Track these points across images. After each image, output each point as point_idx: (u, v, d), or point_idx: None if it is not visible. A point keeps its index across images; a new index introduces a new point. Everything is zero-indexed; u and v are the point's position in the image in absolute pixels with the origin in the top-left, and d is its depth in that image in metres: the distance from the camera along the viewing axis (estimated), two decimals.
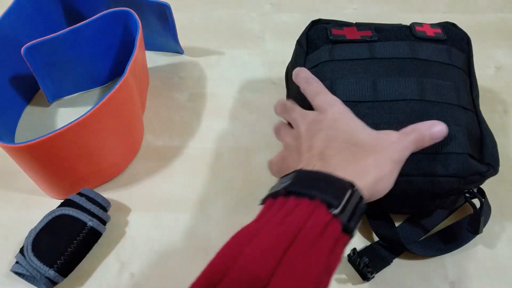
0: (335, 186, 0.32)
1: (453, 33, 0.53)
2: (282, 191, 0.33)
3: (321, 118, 0.40)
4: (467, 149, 0.43)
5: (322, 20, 0.55)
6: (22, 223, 0.52)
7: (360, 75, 0.47)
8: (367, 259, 0.46)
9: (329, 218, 0.30)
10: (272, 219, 0.31)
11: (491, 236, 0.50)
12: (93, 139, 0.50)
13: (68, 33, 0.55)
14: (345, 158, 0.36)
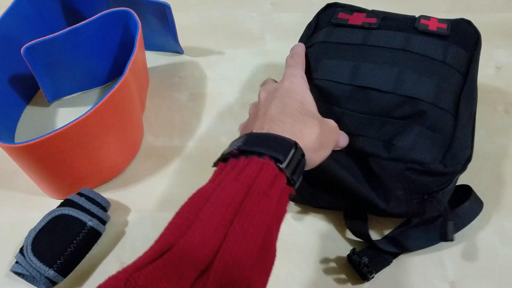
0: (281, 144, 0.36)
1: (461, 30, 0.51)
2: (234, 151, 0.36)
3: (278, 87, 0.44)
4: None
5: (337, 4, 0.56)
6: (22, 223, 0.52)
7: (344, 58, 0.49)
8: (366, 259, 0.46)
9: (276, 172, 0.34)
10: (226, 177, 0.34)
11: (491, 236, 0.50)
12: (93, 139, 0.50)
13: (68, 33, 0.55)
14: (294, 124, 0.39)
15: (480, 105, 0.61)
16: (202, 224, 0.31)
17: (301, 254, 0.50)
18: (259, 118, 0.41)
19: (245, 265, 0.30)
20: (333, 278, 0.48)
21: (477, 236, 0.50)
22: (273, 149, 0.35)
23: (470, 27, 0.52)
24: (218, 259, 0.29)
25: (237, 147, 0.36)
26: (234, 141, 0.38)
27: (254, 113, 0.44)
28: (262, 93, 0.45)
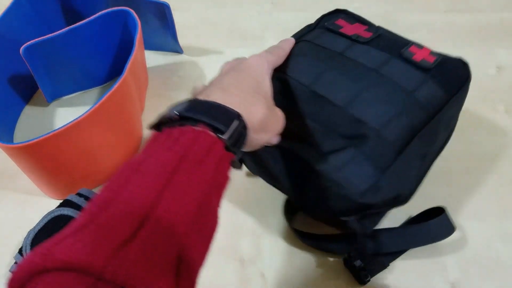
0: (224, 114, 0.35)
1: (449, 69, 0.47)
2: (174, 115, 0.35)
3: (241, 61, 0.43)
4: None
5: (345, 11, 0.56)
6: (21, 223, 0.52)
7: (316, 62, 0.48)
8: (362, 263, 0.46)
9: (214, 139, 0.33)
10: (159, 147, 0.33)
11: (491, 236, 0.50)
12: (92, 139, 0.50)
13: (67, 33, 0.55)
14: (244, 98, 0.38)
15: (480, 105, 0.61)
16: (130, 194, 0.29)
17: (297, 257, 0.50)
18: (210, 86, 0.40)
19: (178, 224, 0.29)
20: (330, 282, 0.48)
21: (478, 236, 0.50)
22: (214, 118, 0.34)
23: (462, 68, 0.49)
24: (147, 222, 0.28)
25: (178, 111, 0.34)
26: (176, 105, 0.36)
27: (210, 82, 0.42)
28: (225, 65, 0.44)
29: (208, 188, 0.32)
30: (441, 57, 0.48)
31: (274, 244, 0.51)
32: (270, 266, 0.49)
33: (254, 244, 0.51)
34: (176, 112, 0.35)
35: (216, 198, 0.33)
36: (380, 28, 0.52)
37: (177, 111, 0.35)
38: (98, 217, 0.29)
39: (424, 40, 0.69)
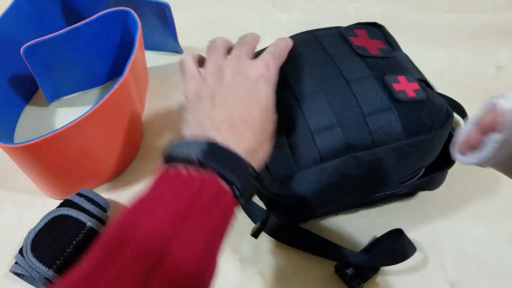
0: (239, 166, 0.35)
1: (420, 112, 0.44)
2: (194, 159, 0.34)
3: (245, 72, 0.40)
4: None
5: (377, 25, 0.53)
6: (21, 223, 0.52)
7: (304, 52, 0.48)
8: (353, 270, 0.46)
9: (222, 188, 0.33)
10: (170, 188, 0.33)
11: (491, 236, 0.50)
12: (92, 139, 0.50)
13: (67, 33, 0.55)
14: (254, 140, 0.38)
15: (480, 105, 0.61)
16: (139, 241, 0.30)
17: (297, 257, 0.50)
18: (215, 108, 0.38)
19: (189, 271, 0.29)
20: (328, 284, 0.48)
21: (478, 236, 0.50)
22: (228, 169, 0.34)
23: (439, 117, 0.44)
24: (159, 269, 0.28)
25: (198, 157, 0.34)
26: (191, 142, 0.36)
27: (208, 90, 0.40)
28: (226, 66, 0.41)
29: (213, 233, 0.33)
30: (423, 97, 0.44)
31: (274, 244, 0.51)
32: (270, 266, 0.49)
33: (254, 244, 0.51)
34: (196, 157, 0.34)
35: (219, 242, 0.34)
36: (398, 53, 0.49)
37: (197, 157, 0.34)
38: (109, 265, 0.29)
39: (424, 40, 0.69)
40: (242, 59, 0.42)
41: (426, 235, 0.51)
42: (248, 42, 0.44)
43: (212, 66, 0.42)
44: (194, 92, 0.41)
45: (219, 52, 0.43)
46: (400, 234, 0.48)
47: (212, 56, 0.43)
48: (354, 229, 0.51)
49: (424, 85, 0.46)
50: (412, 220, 0.52)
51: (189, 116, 0.40)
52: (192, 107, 0.40)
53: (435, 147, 0.45)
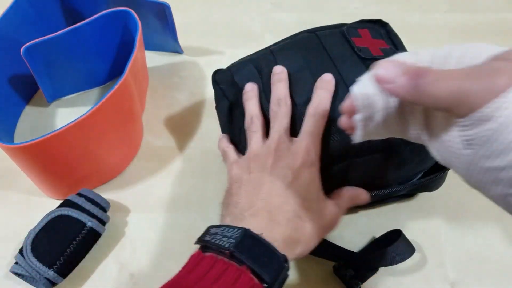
0: (272, 260, 0.35)
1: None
2: (226, 251, 0.34)
3: (289, 164, 0.40)
4: None
5: (387, 27, 0.52)
6: (21, 223, 0.52)
7: (299, 51, 0.48)
8: (352, 271, 0.46)
9: (253, 284, 0.33)
10: (203, 280, 0.33)
11: (492, 236, 0.50)
12: (93, 140, 0.50)
13: (67, 33, 0.55)
14: (288, 226, 0.38)
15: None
16: None
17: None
18: (255, 195, 0.39)
19: None
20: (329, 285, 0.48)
21: (478, 236, 0.50)
22: (263, 267, 0.34)
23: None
24: None
25: (229, 248, 0.34)
26: (225, 228, 0.36)
27: (249, 176, 0.40)
28: (268, 153, 0.41)
29: None
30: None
31: None
32: None
33: None
34: (229, 247, 0.34)
35: None
36: (397, 51, 0.49)
37: (230, 247, 0.34)
38: None
39: (424, 40, 0.69)
40: (282, 144, 0.42)
41: (426, 235, 0.51)
42: (284, 115, 0.43)
43: (255, 152, 0.42)
44: (236, 177, 0.42)
45: (260, 134, 0.44)
46: (398, 234, 0.48)
47: (254, 139, 0.44)
48: (353, 229, 0.51)
49: None
50: (412, 220, 0.52)
51: (229, 201, 0.41)
52: (233, 192, 0.41)
53: (407, 166, 0.45)
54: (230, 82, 0.50)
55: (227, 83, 0.50)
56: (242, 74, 0.49)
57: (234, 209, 0.39)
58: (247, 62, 0.50)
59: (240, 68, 0.50)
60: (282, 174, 0.40)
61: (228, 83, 0.50)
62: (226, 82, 0.50)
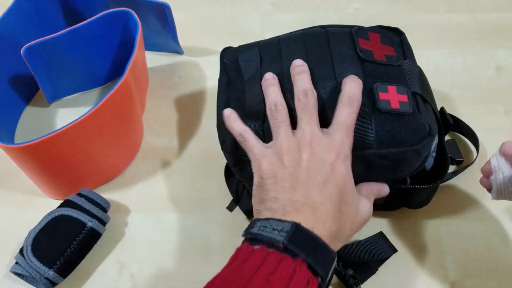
0: (325, 256, 0.35)
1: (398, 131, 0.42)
2: (280, 244, 0.33)
3: (324, 159, 0.39)
4: None
5: (402, 36, 0.52)
6: (22, 223, 0.52)
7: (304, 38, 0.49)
8: (351, 271, 0.46)
9: (309, 276, 0.33)
10: (257, 274, 0.32)
11: (491, 236, 0.50)
12: (93, 140, 0.50)
13: (67, 34, 0.55)
14: (331, 222, 0.37)
15: (480, 105, 0.61)
16: None
17: None
18: (295, 191, 0.37)
19: None
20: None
21: (478, 236, 0.50)
22: (316, 260, 0.33)
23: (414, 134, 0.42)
24: None
25: (283, 241, 0.33)
26: (273, 221, 0.35)
27: (285, 171, 0.39)
28: (302, 146, 0.40)
29: None
30: (407, 110, 0.42)
31: None
32: None
33: None
34: (280, 240, 0.33)
35: None
36: (407, 63, 0.47)
37: (282, 240, 0.33)
38: None
39: (424, 40, 0.69)
40: (316, 137, 0.40)
41: (426, 235, 0.51)
42: (314, 106, 0.42)
43: (286, 144, 0.40)
44: (269, 172, 0.39)
45: (287, 124, 0.42)
46: (379, 233, 0.48)
47: (282, 130, 0.41)
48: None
49: (419, 100, 0.44)
50: (411, 220, 0.52)
51: (265, 196, 0.39)
52: (269, 187, 0.39)
53: (406, 163, 0.43)
54: (233, 60, 0.51)
55: (231, 61, 0.51)
56: (244, 56, 0.50)
57: (273, 204, 0.38)
58: (254, 47, 0.50)
59: (246, 50, 0.50)
60: (320, 168, 0.38)
61: (232, 61, 0.51)
62: (230, 59, 0.51)
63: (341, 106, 0.41)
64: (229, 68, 0.51)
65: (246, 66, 0.49)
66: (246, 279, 0.32)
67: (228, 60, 0.51)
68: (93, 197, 0.51)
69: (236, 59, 0.50)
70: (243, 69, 0.49)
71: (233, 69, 0.50)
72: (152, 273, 0.50)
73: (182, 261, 0.50)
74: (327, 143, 0.40)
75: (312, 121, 0.41)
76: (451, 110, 0.57)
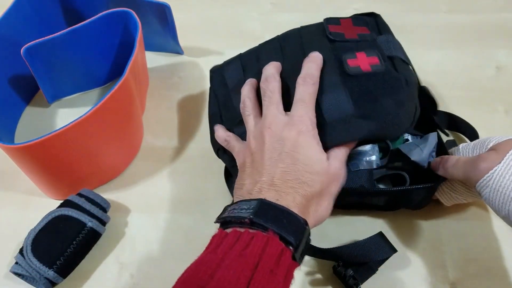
0: (294, 224, 0.36)
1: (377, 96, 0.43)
2: (246, 220, 0.35)
3: (284, 136, 0.41)
4: None
5: (377, 17, 0.54)
6: (22, 223, 0.52)
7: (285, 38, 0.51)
8: (351, 271, 0.46)
9: (282, 247, 0.34)
10: (231, 251, 0.33)
11: (491, 236, 0.50)
12: (93, 140, 0.50)
13: (67, 34, 0.55)
14: (297, 196, 0.38)
15: (480, 105, 0.61)
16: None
17: None
18: (258, 172, 0.40)
19: None
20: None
21: (478, 236, 0.50)
22: (285, 229, 0.34)
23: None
24: None
25: (249, 216, 0.35)
26: (241, 203, 0.37)
27: (251, 157, 0.42)
28: (265, 131, 0.42)
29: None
30: (380, 70, 0.44)
31: None
32: None
33: None
34: (248, 217, 0.35)
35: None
36: (382, 37, 0.48)
37: (249, 216, 0.35)
38: None
39: (424, 40, 0.69)
40: (275, 118, 0.42)
41: (426, 235, 0.51)
42: (273, 90, 0.44)
43: (253, 133, 0.43)
44: (241, 164, 0.43)
45: (254, 115, 0.45)
46: (379, 234, 0.48)
47: (250, 121, 0.45)
48: (353, 229, 0.51)
49: (398, 62, 0.45)
50: (411, 220, 0.52)
51: (237, 185, 0.42)
52: (240, 177, 0.42)
53: (391, 119, 0.43)
54: (220, 74, 0.54)
55: (218, 75, 0.54)
56: (228, 69, 0.53)
57: (242, 189, 0.40)
58: (236, 59, 0.53)
59: (229, 64, 0.54)
60: (279, 146, 0.40)
61: (218, 75, 0.54)
62: (217, 74, 0.55)
63: (297, 86, 0.43)
64: (216, 82, 0.54)
65: (230, 78, 0.52)
66: (220, 258, 0.33)
67: (215, 75, 0.55)
68: (93, 197, 0.51)
69: (221, 73, 0.54)
70: (228, 81, 0.52)
71: (219, 82, 0.53)
72: (152, 273, 0.50)
73: (182, 261, 0.50)
74: (285, 120, 0.42)
75: (271, 103, 0.43)
76: (451, 110, 0.57)
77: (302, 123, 0.41)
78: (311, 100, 0.43)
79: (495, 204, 0.39)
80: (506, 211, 0.38)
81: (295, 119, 0.41)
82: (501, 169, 0.38)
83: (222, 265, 0.32)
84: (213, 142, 0.51)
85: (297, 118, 0.41)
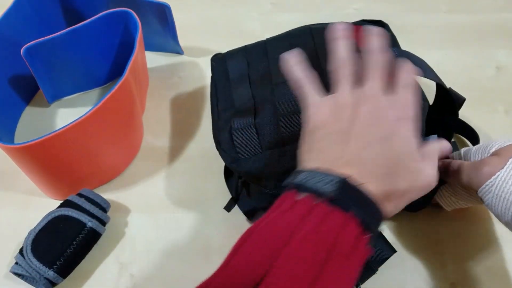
0: (374, 212, 0.34)
1: None
2: (328, 195, 0.32)
3: (386, 113, 0.36)
4: None
5: (385, 27, 0.54)
6: (22, 223, 0.52)
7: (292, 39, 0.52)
8: None
9: (360, 231, 0.32)
10: (306, 223, 0.31)
11: (492, 236, 0.50)
12: (93, 140, 0.50)
13: (67, 34, 0.55)
14: (381, 182, 0.35)
15: (480, 105, 0.61)
16: (280, 277, 0.29)
17: None
18: (349, 144, 0.36)
19: None
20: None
21: (478, 236, 0.50)
22: (368, 217, 0.32)
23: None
24: None
25: (331, 193, 0.32)
26: (318, 174, 0.34)
27: (343, 123, 0.37)
28: (364, 101, 0.37)
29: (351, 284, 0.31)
30: None
31: None
32: None
33: None
34: (329, 193, 0.32)
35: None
36: (394, 50, 0.48)
37: (330, 192, 0.32)
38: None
39: (424, 40, 0.69)
40: (377, 95, 0.38)
41: (426, 235, 0.51)
42: (381, 64, 0.39)
43: (345, 98, 0.38)
44: (321, 123, 0.38)
45: (350, 79, 0.39)
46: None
47: (344, 83, 0.39)
48: None
49: None
50: (411, 220, 0.52)
51: (316, 145, 0.37)
52: (320, 138, 0.37)
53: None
54: (222, 64, 0.55)
55: (219, 65, 0.56)
56: (232, 60, 0.54)
57: (323, 155, 0.36)
58: (241, 51, 0.55)
59: (233, 55, 0.55)
60: (376, 127, 0.36)
61: (220, 65, 0.55)
62: (219, 64, 0.56)
63: (404, 71, 0.39)
64: (218, 71, 0.55)
65: (233, 69, 0.54)
66: (294, 226, 0.31)
67: (217, 64, 0.56)
68: (93, 197, 0.51)
69: (224, 63, 0.55)
70: (230, 72, 0.53)
71: (221, 72, 0.55)
72: (152, 273, 0.50)
73: (182, 261, 0.50)
74: (389, 103, 0.37)
75: (376, 76, 0.38)
76: None
77: (405, 110, 0.37)
78: (418, 89, 0.39)
79: (498, 210, 0.38)
80: (508, 217, 0.37)
81: (400, 103, 0.37)
82: (504, 174, 0.38)
83: (295, 238, 0.30)
84: (214, 133, 0.51)
85: (402, 103, 0.37)
